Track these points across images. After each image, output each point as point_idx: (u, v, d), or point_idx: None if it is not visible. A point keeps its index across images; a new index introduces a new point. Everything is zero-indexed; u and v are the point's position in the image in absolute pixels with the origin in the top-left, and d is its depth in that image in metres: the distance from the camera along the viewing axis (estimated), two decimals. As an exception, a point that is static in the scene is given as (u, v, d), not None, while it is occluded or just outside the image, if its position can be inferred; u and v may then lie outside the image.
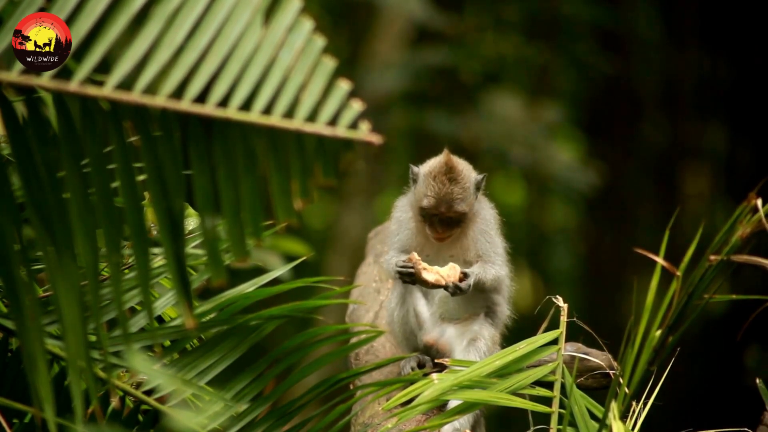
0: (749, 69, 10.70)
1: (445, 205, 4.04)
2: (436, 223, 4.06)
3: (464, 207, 4.06)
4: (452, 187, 4.04)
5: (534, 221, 11.97)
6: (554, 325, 3.82)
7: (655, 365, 3.14)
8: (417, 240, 4.15)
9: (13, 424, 3.21)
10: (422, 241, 4.15)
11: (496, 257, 4.13)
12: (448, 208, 4.04)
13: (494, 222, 4.19)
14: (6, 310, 3.30)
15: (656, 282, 3.12)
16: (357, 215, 10.29)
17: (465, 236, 4.12)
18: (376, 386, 3.45)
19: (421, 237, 4.15)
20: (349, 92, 2.53)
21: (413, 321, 4.16)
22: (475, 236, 4.12)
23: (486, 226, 4.13)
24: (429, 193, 4.03)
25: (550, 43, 10.85)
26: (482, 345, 4.08)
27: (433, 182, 4.05)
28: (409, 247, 4.16)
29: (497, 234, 4.18)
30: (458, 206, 4.05)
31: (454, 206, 4.04)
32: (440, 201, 4.04)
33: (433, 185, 4.04)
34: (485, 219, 4.14)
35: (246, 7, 2.57)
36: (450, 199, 4.04)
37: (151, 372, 3.02)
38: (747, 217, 3.02)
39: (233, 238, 2.58)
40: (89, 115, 2.55)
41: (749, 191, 3.02)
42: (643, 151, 11.22)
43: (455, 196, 4.04)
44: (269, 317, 3.25)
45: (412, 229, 4.17)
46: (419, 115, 10.22)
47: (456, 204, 4.04)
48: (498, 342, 4.16)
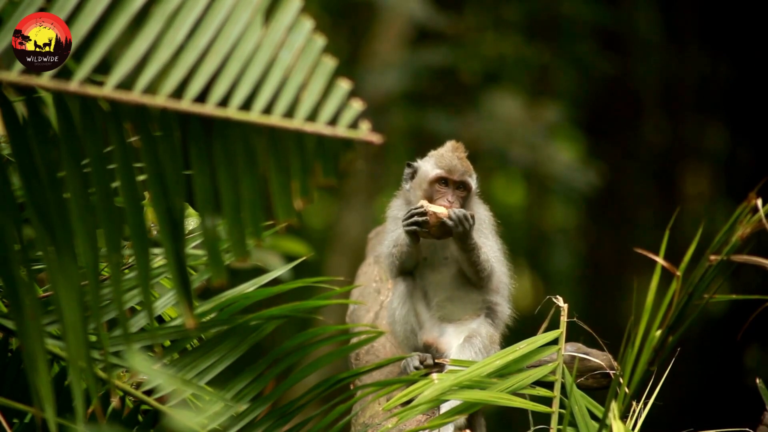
0: (749, 69, 10.70)
1: (457, 173, 4.13)
2: (448, 193, 4.10)
3: (471, 181, 4.15)
4: (461, 160, 4.16)
5: (534, 221, 11.96)
6: (554, 325, 3.82)
7: (655, 365, 3.14)
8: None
9: (13, 424, 3.21)
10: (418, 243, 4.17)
11: (491, 253, 4.16)
12: (459, 174, 4.13)
13: (489, 223, 4.25)
14: (6, 310, 3.30)
15: (656, 282, 3.12)
16: (357, 215, 10.29)
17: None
18: (376, 386, 3.45)
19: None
20: (349, 92, 2.53)
21: (413, 320, 4.17)
22: (469, 233, 4.14)
23: (480, 226, 4.17)
24: (439, 163, 4.14)
25: (550, 43, 10.85)
26: (478, 342, 4.09)
27: (443, 155, 4.17)
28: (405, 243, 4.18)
29: (492, 234, 4.24)
30: (467, 177, 4.14)
31: (464, 175, 4.13)
32: (452, 168, 4.13)
33: (443, 156, 4.16)
34: (480, 219, 4.18)
35: (246, 7, 2.57)
36: (461, 169, 4.13)
37: (151, 372, 3.01)
38: (747, 217, 3.02)
39: (233, 238, 2.58)
40: (89, 115, 2.55)
41: (749, 191, 3.02)
42: (643, 151, 11.22)
43: (464, 167, 4.14)
44: (269, 317, 3.25)
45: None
46: (419, 115, 10.23)
47: (465, 174, 4.14)
48: (497, 341, 4.17)
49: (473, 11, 10.98)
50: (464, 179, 4.13)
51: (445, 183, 4.13)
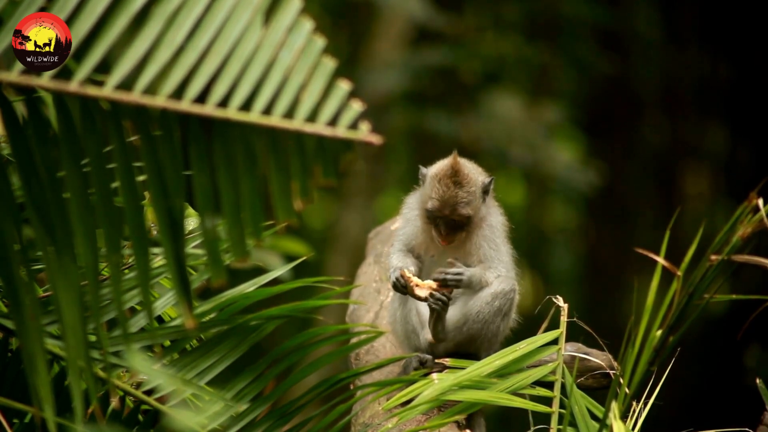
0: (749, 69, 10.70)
1: (449, 208, 4.03)
2: (441, 226, 4.06)
3: (469, 210, 4.05)
4: (457, 191, 4.03)
5: (534, 221, 11.96)
6: (554, 325, 3.82)
7: (655, 365, 3.14)
8: (422, 239, 4.16)
9: (13, 424, 3.21)
10: (427, 241, 4.15)
11: (500, 264, 4.10)
12: (452, 211, 4.03)
13: (501, 229, 4.17)
14: (6, 310, 3.30)
15: (657, 282, 3.12)
16: (357, 215, 10.29)
17: (469, 241, 4.12)
18: (376, 386, 3.45)
19: (427, 237, 4.15)
20: (349, 92, 2.53)
21: (415, 320, 4.16)
22: (478, 242, 4.11)
23: (491, 233, 4.12)
24: (433, 195, 4.03)
25: (550, 43, 10.85)
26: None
27: (438, 185, 4.04)
28: (415, 245, 4.17)
29: (504, 242, 4.15)
30: (462, 209, 4.04)
31: (458, 209, 4.03)
32: (444, 204, 4.03)
33: (438, 188, 4.04)
34: (491, 225, 4.13)
35: (246, 7, 2.56)
36: (454, 203, 4.03)
37: (151, 372, 3.01)
38: (748, 216, 3.02)
39: (233, 238, 2.58)
40: (89, 115, 2.55)
41: (749, 191, 3.02)
42: (643, 151, 11.22)
43: (459, 200, 4.03)
44: (269, 317, 3.25)
45: (418, 227, 4.17)
46: (419, 115, 10.22)
47: (460, 207, 4.03)
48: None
49: (473, 11, 10.98)
50: (457, 212, 4.03)
51: (439, 215, 4.06)
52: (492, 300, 4.03)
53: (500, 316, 4.03)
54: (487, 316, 4.02)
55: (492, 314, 4.03)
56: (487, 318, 4.01)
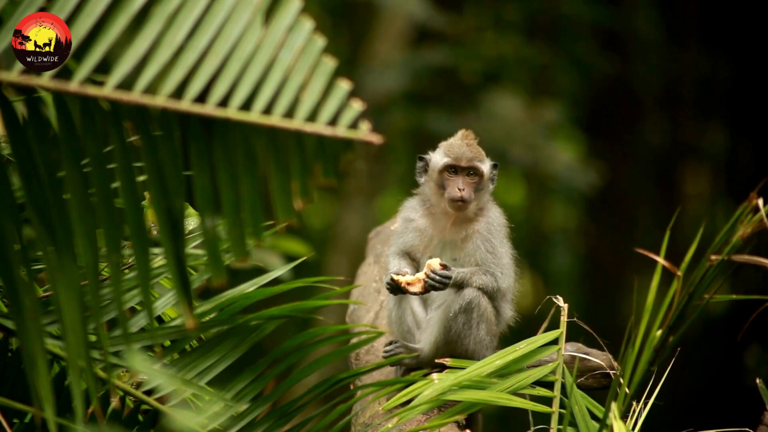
0: (749, 69, 10.70)
1: (465, 160, 4.14)
2: (458, 181, 4.11)
3: (482, 166, 4.15)
4: (470, 147, 4.18)
5: (534, 221, 11.96)
6: (554, 325, 3.82)
7: (655, 365, 3.14)
8: (420, 241, 4.16)
9: (13, 424, 3.21)
10: (426, 242, 4.16)
11: (496, 269, 4.11)
12: (468, 161, 4.14)
13: (500, 229, 4.19)
14: (6, 310, 3.30)
15: (657, 282, 3.12)
16: (357, 215, 10.29)
17: (469, 240, 4.12)
18: (376, 386, 3.45)
19: (425, 238, 4.16)
20: (349, 92, 2.53)
21: (410, 320, 4.17)
22: (477, 243, 4.12)
23: (490, 234, 4.13)
24: (448, 152, 4.16)
25: (550, 43, 10.85)
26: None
27: (453, 142, 4.20)
28: (412, 248, 4.17)
29: (502, 243, 4.17)
30: (477, 163, 4.15)
31: (473, 162, 4.14)
32: (461, 155, 4.14)
33: (452, 144, 4.19)
34: (490, 224, 4.14)
35: (246, 7, 2.57)
36: (470, 155, 4.15)
37: (151, 372, 3.02)
38: (748, 217, 3.03)
39: (233, 238, 2.58)
40: (89, 115, 2.55)
41: (749, 191, 3.02)
42: (643, 151, 11.22)
43: (474, 153, 4.16)
44: (269, 317, 3.25)
45: (417, 229, 4.18)
46: (419, 115, 10.22)
47: (475, 160, 4.15)
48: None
49: (473, 11, 10.98)
50: (473, 164, 4.13)
51: (454, 170, 4.14)
52: (455, 317, 4.06)
53: (472, 327, 4.05)
54: (460, 330, 4.05)
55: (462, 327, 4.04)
56: (460, 333, 4.04)
